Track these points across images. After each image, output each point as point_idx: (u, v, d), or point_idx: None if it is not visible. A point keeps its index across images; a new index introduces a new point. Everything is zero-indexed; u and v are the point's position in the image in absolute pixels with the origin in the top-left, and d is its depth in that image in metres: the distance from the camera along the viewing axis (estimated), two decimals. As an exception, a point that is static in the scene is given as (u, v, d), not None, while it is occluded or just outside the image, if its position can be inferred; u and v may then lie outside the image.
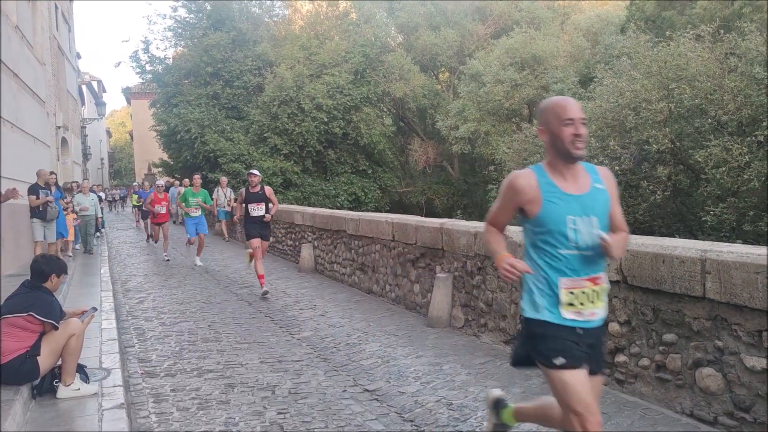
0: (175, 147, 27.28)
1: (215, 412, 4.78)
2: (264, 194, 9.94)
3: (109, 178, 66.65)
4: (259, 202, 9.88)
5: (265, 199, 9.96)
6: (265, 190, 10.02)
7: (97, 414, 4.50)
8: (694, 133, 14.36)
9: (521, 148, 19.18)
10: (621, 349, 4.94)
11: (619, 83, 15.66)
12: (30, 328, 4.72)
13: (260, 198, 9.91)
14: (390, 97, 29.21)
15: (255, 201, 9.89)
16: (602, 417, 4.41)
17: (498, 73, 24.15)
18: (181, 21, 28.43)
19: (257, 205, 9.87)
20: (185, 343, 6.89)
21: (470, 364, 5.86)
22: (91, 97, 45.91)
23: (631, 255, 4.73)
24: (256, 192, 9.96)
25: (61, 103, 21.03)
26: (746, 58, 13.61)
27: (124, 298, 9.73)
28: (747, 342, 3.94)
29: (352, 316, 8.24)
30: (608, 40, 23.18)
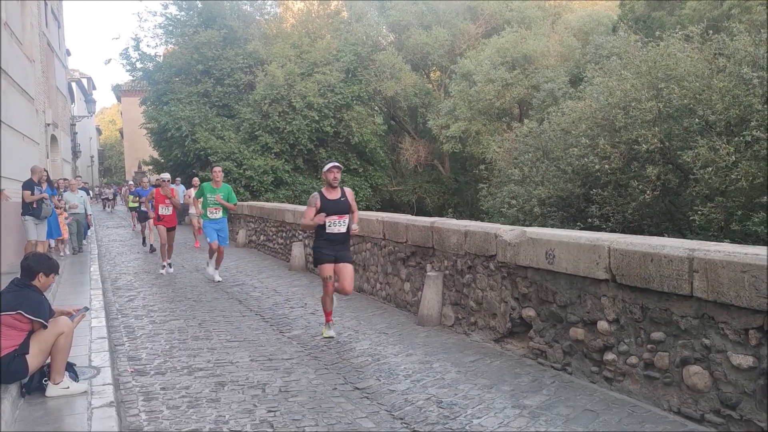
0: (165, 145, 27.19)
1: (205, 410, 4.78)
2: (347, 201, 7.06)
3: (99, 175, 66.30)
4: (341, 213, 6.99)
5: (348, 208, 7.09)
6: (347, 194, 7.11)
7: (87, 412, 4.48)
8: (683, 133, 14.44)
9: (512, 147, 19.21)
10: (609, 347, 4.97)
11: (609, 83, 15.73)
12: (18, 326, 4.70)
13: (342, 208, 7.00)
14: (381, 96, 29.22)
15: (336, 212, 6.95)
16: (590, 414, 4.47)
17: (489, 73, 24.21)
18: (171, 18, 28.32)
19: (339, 218, 6.94)
20: (175, 342, 6.88)
21: (460, 362, 5.89)
22: (80, 94, 45.62)
23: (620, 254, 4.76)
24: (336, 199, 6.99)
25: (51, 100, 20.91)
26: (735, 58, 13.69)
27: (113, 297, 9.70)
28: (734, 340, 3.98)
29: (342, 314, 8.24)
30: (599, 39, 23.27)
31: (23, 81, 14.44)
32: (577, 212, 16.16)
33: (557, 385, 5.17)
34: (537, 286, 5.81)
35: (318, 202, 6.94)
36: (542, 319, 5.77)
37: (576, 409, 4.63)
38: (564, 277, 5.42)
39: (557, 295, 5.52)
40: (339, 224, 6.92)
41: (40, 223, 11.62)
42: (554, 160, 17.16)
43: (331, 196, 6.96)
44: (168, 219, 12.21)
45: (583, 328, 5.24)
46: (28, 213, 11.36)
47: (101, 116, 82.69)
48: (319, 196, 6.97)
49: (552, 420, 4.44)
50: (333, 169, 6.98)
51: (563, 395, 4.92)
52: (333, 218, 6.87)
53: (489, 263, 6.53)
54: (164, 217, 12.24)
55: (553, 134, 17.48)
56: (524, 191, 17.27)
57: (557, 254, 5.42)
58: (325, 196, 6.94)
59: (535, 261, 5.75)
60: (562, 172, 16.51)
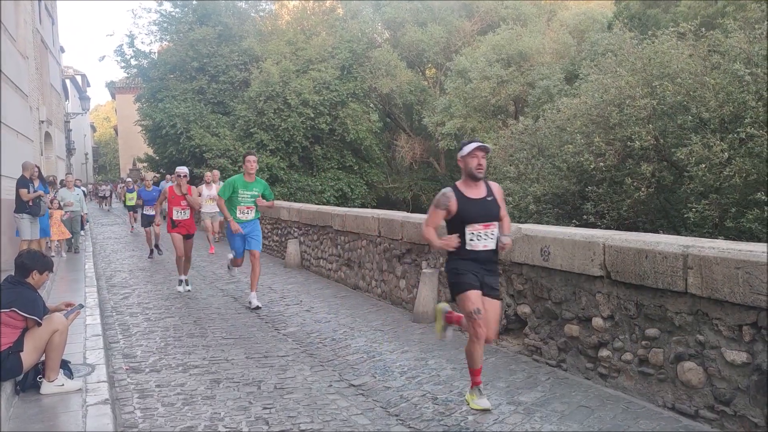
0: (160, 142, 27.14)
1: (200, 407, 4.77)
2: (495, 201, 4.68)
3: (94, 173, 66.10)
4: (488, 221, 4.60)
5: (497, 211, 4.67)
6: (493, 190, 4.73)
7: (82, 410, 4.48)
8: (678, 130, 14.48)
9: (507, 144, 19.24)
10: (604, 344, 4.99)
11: (603, 80, 15.76)
12: (12, 323, 4.68)
13: (490, 211, 4.63)
14: (376, 93, 29.21)
15: (482, 218, 4.58)
16: (585, 411, 4.48)
17: (484, 70, 24.23)
18: (166, 15, 28.25)
19: (485, 227, 4.57)
20: (170, 339, 6.87)
21: (455, 359, 5.89)
22: (75, 91, 45.46)
23: (615, 250, 4.77)
24: (482, 199, 4.64)
25: (45, 97, 20.83)
26: (729, 55, 13.73)
27: (108, 294, 9.67)
28: (728, 336, 3.99)
29: (338, 311, 8.24)
30: (594, 37, 23.32)
31: (17, 78, 14.37)
32: (572, 209, 16.20)
33: (552, 381, 5.19)
34: (532, 282, 5.82)
35: (453, 204, 4.56)
36: (537, 315, 5.78)
37: (571, 405, 4.64)
38: (559, 273, 5.43)
39: (552, 291, 5.53)
40: (486, 237, 4.57)
41: (34, 221, 11.41)
42: (549, 158, 17.19)
43: (472, 193, 4.63)
44: (185, 224, 9.89)
45: (578, 324, 5.25)
46: (24, 211, 11.05)
47: (96, 113, 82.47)
48: (454, 194, 4.59)
49: (547, 416, 4.45)
50: (477, 151, 4.58)
51: (558, 391, 4.93)
52: (477, 228, 4.54)
53: (484, 260, 6.53)
54: (180, 222, 9.83)
55: (548, 131, 17.51)
56: (519, 188, 17.30)
57: (552, 251, 5.43)
58: (463, 194, 4.61)
59: (530, 258, 5.76)
60: (557, 169, 16.55)
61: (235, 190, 8.44)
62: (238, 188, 8.46)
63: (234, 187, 8.44)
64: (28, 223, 11.19)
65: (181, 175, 10.02)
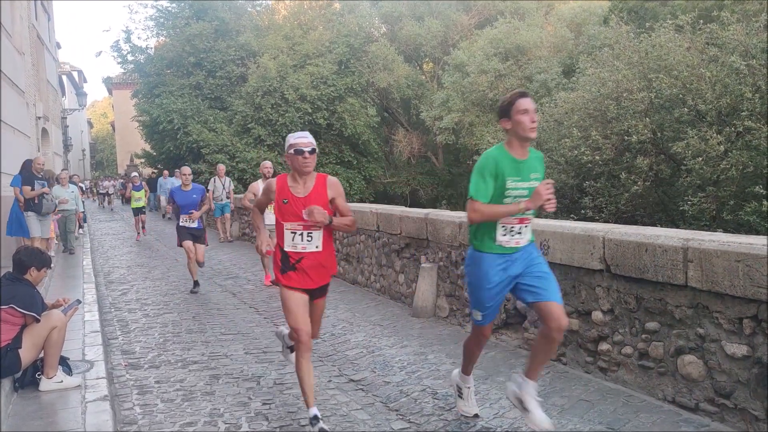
0: (157, 138, 27.10)
1: (200, 403, 4.77)
2: None
3: (91, 169, 66.00)
4: None
5: None
6: None
7: (81, 406, 4.47)
8: (675, 123, 14.47)
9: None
10: (604, 338, 4.98)
11: (601, 73, 15.73)
12: (11, 320, 4.67)
13: None
14: (374, 88, 29.16)
15: None
16: (585, 404, 4.48)
17: (482, 64, 24.19)
18: (162, 10, 28.18)
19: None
20: (169, 335, 6.86)
21: (455, 354, 5.88)
22: (71, 87, 45.36)
23: (615, 244, 4.76)
24: None
25: (41, 93, 20.76)
26: (726, 48, 13.71)
27: (107, 290, 9.66)
28: (728, 329, 3.99)
29: (337, 306, 8.24)
30: (591, 30, 23.28)
31: (13, 74, 14.32)
32: (570, 203, 16.19)
33: (552, 375, 5.18)
34: (531, 276, 5.80)
35: None
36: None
37: (571, 399, 4.64)
38: (558, 267, 5.41)
39: (552, 285, 5.51)
40: None
41: (44, 219, 11.14)
42: (547, 151, 17.16)
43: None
44: None
45: (578, 318, 5.25)
46: (30, 209, 10.82)
47: (92, 109, 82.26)
48: None
49: (547, 410, 4.43)
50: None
51: (558, 385, 4.93)
52: None
53: (483, 254, 6.51)
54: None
55: (546, 125, 17.48)
56: (518, 182, 17.28)
57: (552, 245, 5.42)
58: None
59: (529, 252, 5.74)
60: (555, 164, 16.53)
61: None
62: None
63: None
64: (36, 221, 10.91)
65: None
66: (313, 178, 4.27)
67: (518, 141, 3.83)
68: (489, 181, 3.79)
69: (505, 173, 3.79)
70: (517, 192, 3.81)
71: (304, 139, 4.24)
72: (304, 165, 4.17)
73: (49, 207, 11.17)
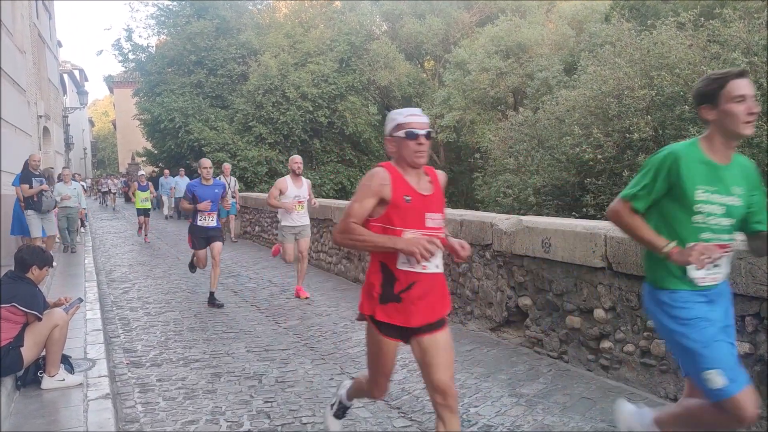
0: (158, 136, 27.12)
1: (202, 401, 4.77)
2: None
3: (93, 168, 66.02)
4: None
5: None
6: None
7: (83, 404, 4.47)
8: (676, 121, 14.45)
9: (507, 136, 19.21)
10: (606, 335, 4.98)
11: (602, 71, 15.72)
12: (13, 319, 4.67)
13: None
14: (375, 86, 29.15)
15: None
16: (587, 402, 4.47)
17: (483, 62, 24.17)
18: (163, 9, 28.20)
19: None
20: (171, 333, 6.86)
21: (456, 352, 5.84)
22: (72, 86, 45.35)
23: (616, 242, 4.76)
24: None
25: (43, 92, 20.76)
26: (728, 45, 13.69)
27: (108, 289, 9.66)
28: (730, 327, 3.98)
29: (338, 304, 8.24)
30: (593, 28, 23.25)
31: (14, 73, 14.32)
32: (572, 201, 16.19)
33: (554, 373, 5.18)
34: (533, 274, 5.81)
35: None
36: (538, 307, 5.77)
37: (573, 397, 4.63)
38: (560, 265, 5.41)
39: (553, 283, 5.52)
40: None
41: (45, 217, 10.97)
42: (549, 149, 17.16)
43: None
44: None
45: (580, 316, 5.24)
46: (30, 207, 10.68)
47: (94, 108, 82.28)
48: None
49: (549, 408, 4.44)
50: None
51: (560, 383, 4.93)
52: None
53: (485, 252, 6.52)
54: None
55: (547, 123, 17.49)
56: (519, 180, 17.29)
57: (553, 243, 5.41)
58: None
59: (531, 250, 5.74)
60: (556, 161, 16.53)
61: None
62: None
63: None
64: (36, 220, 10.76)
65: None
66: (422, 170, 3.14)
67: (723, 138, 2.89)
68: (659, 185, 2.85)
69: (695, 180, 2.81)
70: (710, 207, 2.85)
71: (418, 118, 3.12)
72: (417, 154, 3.04)
73: (49, 204, 10.95)
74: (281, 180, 8.62)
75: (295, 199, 8.44)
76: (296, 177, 8.53)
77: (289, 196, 8.42)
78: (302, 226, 8.61)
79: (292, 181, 8.50)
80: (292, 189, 8.45)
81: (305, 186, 8.67)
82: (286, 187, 8.44)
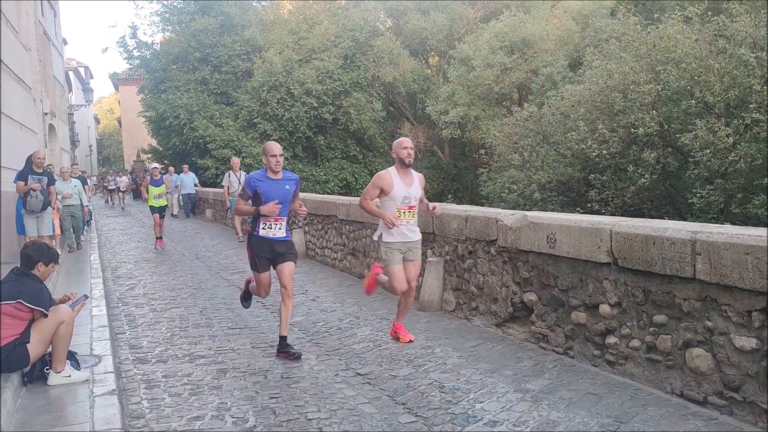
0: (163, 133, 27.17)
1: (207, 397, 4.77)
2: None
3: (98, 165, 66.17)
4: None
5: None
6: None
7: (89, 400, 4.48)
8: (682, 116, 14.39)
9: (511, 132, 19.16)
10: (612, 331, 4.96)
11: (608, 66, 15.65)
12: (19, 315, 4.69)
13: None
14: (379, 82, 29.14)
15: None
16: (593, 398, 4.47)
17: (488, 57, 24.10)
18: (168, 6, 28.26)
19: None
20: (176, 329, 6.87)
21: (462, 347, 5.88)
22: (78, 83, 45.46)
23: (622, 237, 4.74)
24: None
25: (48, 89, 20.80)
26: (734, 39, 13.61)
27: (114, 285, 9.69)
28: (737, 322, 3.97)
29: (343, 300, 8.24)
30: (598, 23, 23.14)
31: (20, 70, 14.36)
32: (577, 197, 16.15)
33: (559, 369, 5.17)
34: (538, 270, 5.79)
35: None
36: (544, 303, 5.76)
37: (578, 392, 4.62)
38: (565, 261, 5.40)
39: (559, 279, 5.50)
40: None
41: (40, 216, 10.71)
42: (554, 145, 17.12)
43: None
44: None
45: (585, 311, 5.23)
46: (24, 205, 10.52)
47: (99, 105, 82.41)
48: None
49: (554, 404, 4.43)
50: None
51: (565, 379, 4.92)
52: None
53: (490, 248, 6.51)
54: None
55: (552, 118, 17.43)
56: (524, 176, 17.24)
57: (558, 238, 5.40)
58: None
59: (536, 245, 5.73)
60: (561, 157, 16.49)
61: None
62: None
63: None
64: (28, 219, 10.56)
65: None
66: None
67: None
68: None
69: None
70: None
71: None
72: None
73: (34, 204, 10.33)
74: (383, 175, 5.94)
75: (405, 202, 5.83)
76: (405, 170, 5.90)
77: (396, 197, 5.80)
78: (413, 242, 5.97)
79: (399, 176, 5.89)
80: (400, 187, 5.82)
81: (417, 182, 6.03)
82: (391, 185, 5.82)
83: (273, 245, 5.85)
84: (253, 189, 5.77)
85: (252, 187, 5.77)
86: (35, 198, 10.31)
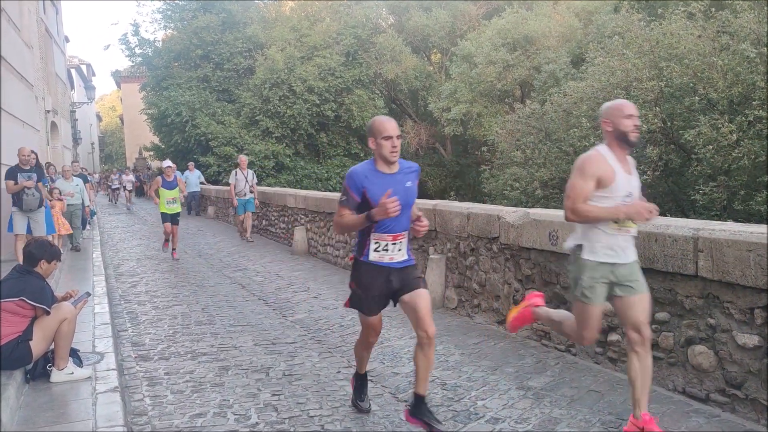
0: (165, 131, 27.17)
1: (209, 394, 4.78)
2: None
3: (100, 162, 66.23)
4: None
5: None
6: None
7: (91, 397, 4.49)
8: (685, 112, 14.36)
9: (514, 129, 19.13)
10: (613, 328, 4.96)
11: (610, 63, 15.62)
12: (22, 313, 4.70)
13: None
14: (382, 79, 29.11)
15: None
16: (595, 395, 4.47)
17: (490, 54, 24.06)
18: (170, 3, 28.27)
19: None
20: (179, 327, 6.88)
21: (464, 345, 5.88)
22: (80, 80, 45.45)
23: (624, 234, 4.72)
24: None
25: (50, 86, 20.82)
26: (738, 36, 13.58)
27: (116, 283, 9.70)
28: (739, 319, 3.96)
29: (345, 297, 8.22)
30: (601, 19, 23.10)
31: (22, 67, 14.36)
32: (579, 194, 16.10)
33: (561, 366, 5.17)
34: (540, 267, 5.79)
35: None
36: (546, 300, 5.74)
37: (580, 389, 4.62)
38: (567, 258, 5.38)
39: (561, 276, 5.50)
40: None
41: (32, 215, 10.08)
42: (556, 142, 17.09)
43: None
44: None
45: (587, 309, 5.21)
46: (14, 204, 9.96)
47: (101, 103, 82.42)
48: None
49: (556, 401, 4.44)
50: None
51: (567, 376, 4.92)
52: None
53: (492, 245, 6.51)
54: None
55: (555, 115, 17.40)
56: (526, 173, 17.22)
57: (561, 235, 5.39)
58: None
59: (538, 242, 5.72)
60: (564, 154, 16.46)
61: None
62: None
63: None
64: (18, 218, 10.04)
65: None
66: None
67: None
68: None
69: None
70: None
71: None
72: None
73: (31, 203, 9.84)
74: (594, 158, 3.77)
75: (627, 198, 3.68)
76: (622, 153, 3.78)
77: (618, 192, 3.67)
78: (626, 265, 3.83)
79: (619, 163, 3.74)
80: (622, 179, 3.69)
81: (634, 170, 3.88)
82: (612, 175, 3.67)
83: (391, 275, 4.06)
84: (361, 191, 3.83)
85: (359, 189, 3.83)
86: (31, 196, 9.80)
